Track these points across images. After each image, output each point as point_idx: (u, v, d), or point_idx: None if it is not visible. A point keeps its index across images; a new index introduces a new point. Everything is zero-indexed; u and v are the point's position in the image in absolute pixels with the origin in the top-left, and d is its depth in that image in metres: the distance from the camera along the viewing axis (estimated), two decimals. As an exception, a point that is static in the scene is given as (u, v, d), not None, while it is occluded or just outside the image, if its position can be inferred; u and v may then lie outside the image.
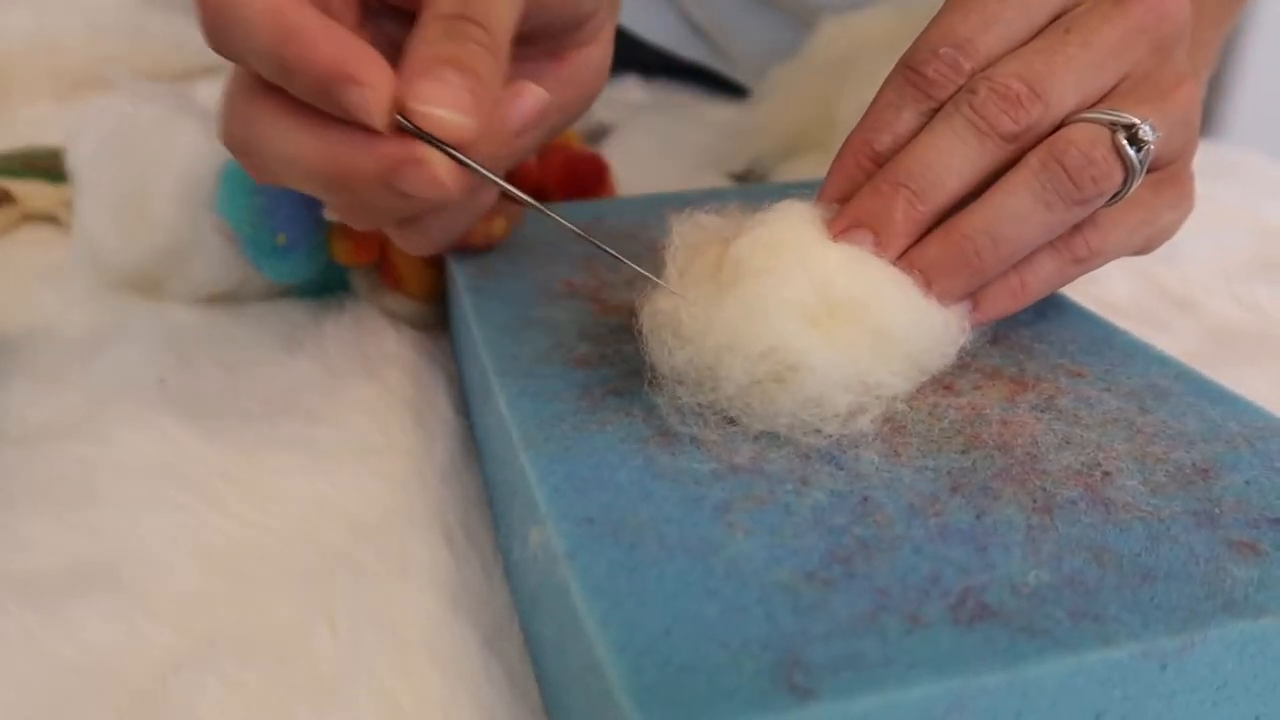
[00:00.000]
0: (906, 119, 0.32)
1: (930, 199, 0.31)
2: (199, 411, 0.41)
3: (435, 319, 0.47)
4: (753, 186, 0.56)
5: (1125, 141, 0.31)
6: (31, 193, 0.57)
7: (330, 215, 0.37)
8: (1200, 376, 0.33)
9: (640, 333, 0.30)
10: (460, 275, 0.40)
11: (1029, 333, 0.35)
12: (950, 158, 0.31)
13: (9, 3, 0.76)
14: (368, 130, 0.27)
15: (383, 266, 0.46)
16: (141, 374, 0.43)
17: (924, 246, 0.31)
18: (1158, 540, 0.25)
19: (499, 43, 0.29)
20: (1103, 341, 0.35)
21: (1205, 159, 0.70)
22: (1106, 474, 0.27)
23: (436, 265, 0.46)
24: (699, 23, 0.77)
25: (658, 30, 0.76)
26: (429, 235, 0.33)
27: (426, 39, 0.28)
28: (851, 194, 0.31)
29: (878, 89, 0.33)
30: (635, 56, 0.77)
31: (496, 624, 0.31)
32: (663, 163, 0.62)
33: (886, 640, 0.21)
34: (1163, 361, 0.34)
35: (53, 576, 0.32)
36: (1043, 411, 0.30)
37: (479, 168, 0.28)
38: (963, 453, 0.28)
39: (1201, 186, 0.37)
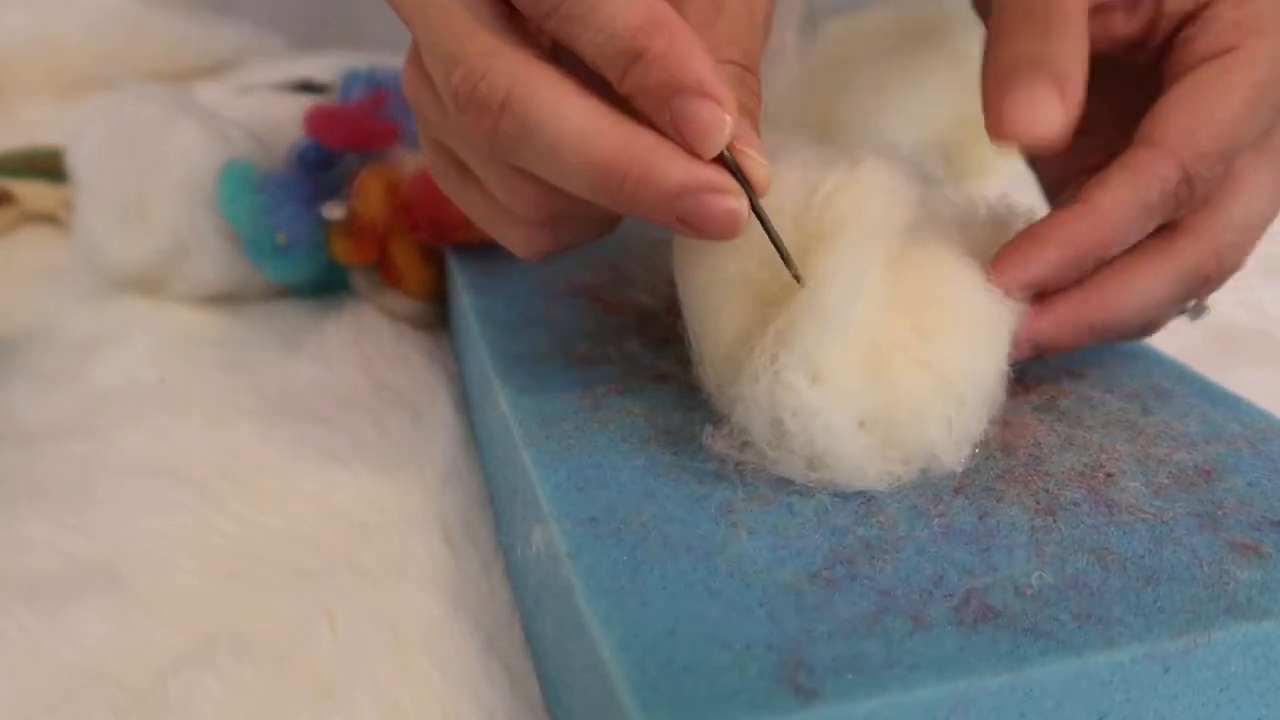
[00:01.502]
0: (1146, 230, 0.29)
1: (1101, 340, 0.30)
2: (199, 411, 0.41)
3: (435, 318, 0.47)
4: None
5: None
6: (31, 193, 0.57)
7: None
8: (1202, 378, 0.33)
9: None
10: (461, 274, 0.40)
11: (1031, 334, 0.35)
12: (1154, 310, 0.30)
13: (9, 3, 0.76)
14: (682, 145, 0.25)
15: (383, 266, 0.46)
16: (141, 374, 0.43)
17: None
18: (1161, 542, 0.25)
19: None
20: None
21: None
22: (1109, 475, 0.27)
23: (436, 264, 0.46)
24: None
25: None
26: (563, 238, 0.30)
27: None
28: (1051, 284, 0.29)
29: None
30: None
31: (497, 624, 0.31)
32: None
33: (890, 641, 0.21)
34: (1164, 363, 0.33)
35: (52, 576, 0.32)
36: (1045, 413, 0.30)
37: (768, 220, 0.26)
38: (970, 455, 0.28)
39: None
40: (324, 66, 0.68)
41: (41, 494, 0.36)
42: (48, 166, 0.57)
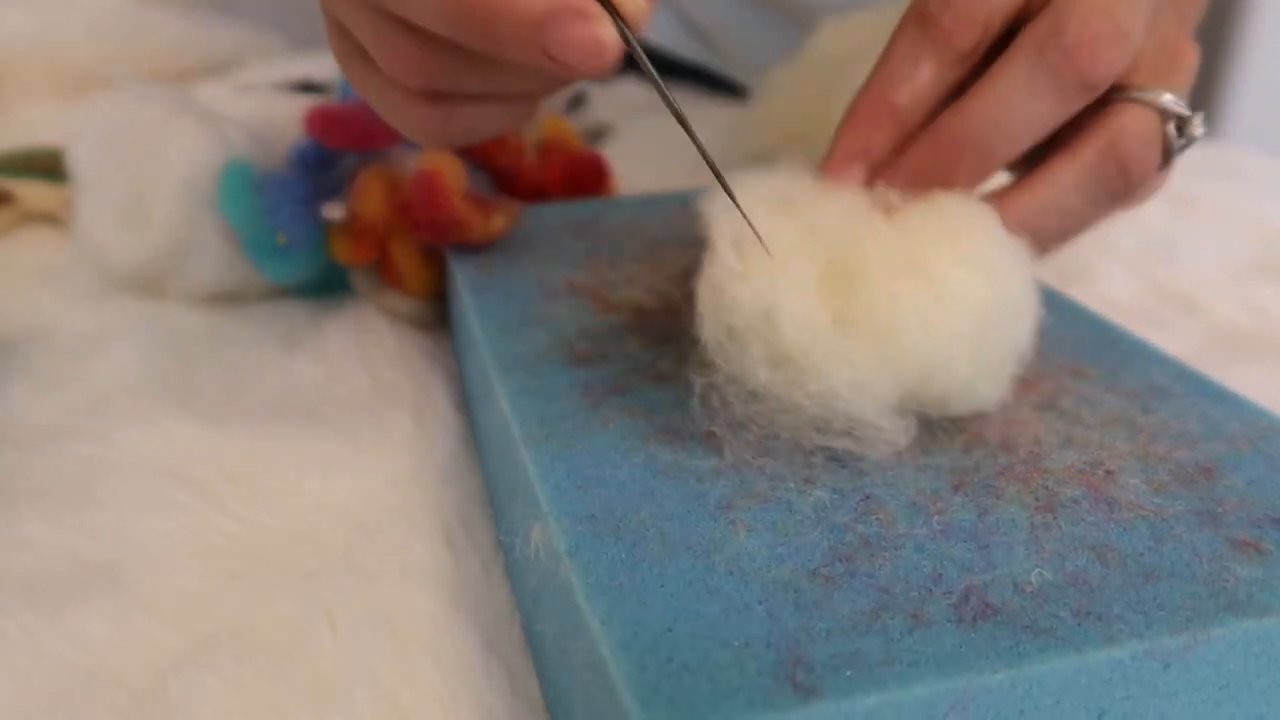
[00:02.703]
0: (926, 72, 0.29)
1: (996, 163, 0.28)
2: (199, 411, 0.41)
3: (435, 317, 0.47)
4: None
5: (1175, 133, 0.29)
6: (31, 193, 0.57)
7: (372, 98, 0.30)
8: (1202, 377, 0.33)
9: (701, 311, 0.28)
10: (460, 273, 0.40)
11: (1031, 332, 0.35)
12: (1023, 117, 0.28)
13: (9, 3, 0.76)
14: None
15: (383, 265, 0.46)
16: (141, 374, 0.43)
17: None
18: (1161, 539, 0.25)
19: None
20: (1105, 341, 0.35)
21: (1207, 159, 0.70)
22: (1109, 473, 0.27)
23: (436, 264, 0.46)
24: (699, 23, 0.77)
25: (657, 30, 0.76)
26: (462, 122, 0.29)
27: None
28: (868, 153, 0.29)
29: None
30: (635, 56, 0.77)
31: (497, 623, 0.31)
32: (663, 163, 0.62)
33: (889, 639, 0.21)
34: (1164, 362, 0.33)
35: (53, 576, 0.32)
36: (1045, 411, 0.30)
37: (640, 52, 0.25)
38: (965, 451, 0.28)
39: (1203, 187, 0.37)
40: (324, 66, 0.69)
41: (42, 494, 0.36)
42: (48, 166, 0.57)
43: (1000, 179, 0.32)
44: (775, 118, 0.62)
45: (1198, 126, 0.29)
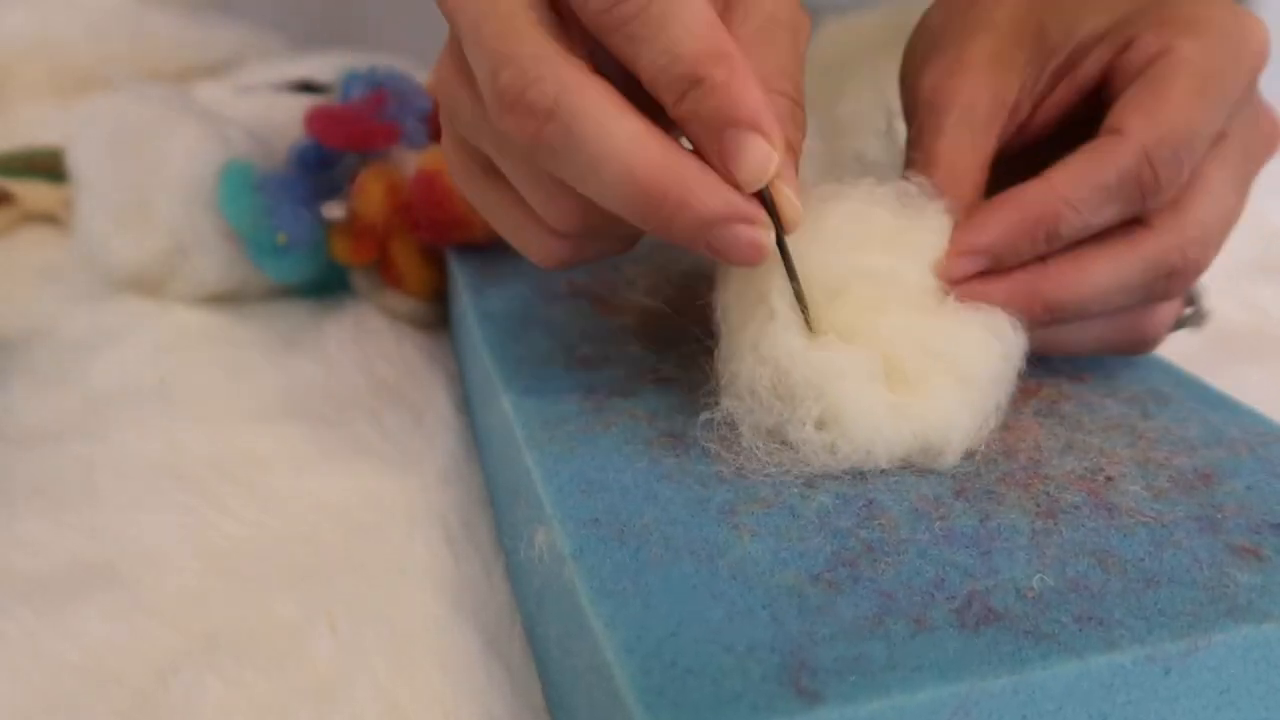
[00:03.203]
0: (1108, 216, 0.29)
1: (1057, 318, 0.30)
2: (199, 411, 0.41)
3: (435, 318, 0.47)
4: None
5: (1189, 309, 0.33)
6: (31, 193, 0.57)
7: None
8: (1201, 383, 0.33)
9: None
10: (461, 274, 0.40)
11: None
12: (1114, 297, 0.30)
13: (9, 3, 0.76)
14: (721, 173, 0.25)
15: (383, 265, 0.46)
16: (141, 374, 0.43)
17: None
18: (1161, 545, 0.25)
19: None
20: (1104, 346, 0.35)
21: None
22: (1109, 479, 0.27)
23: (436, 264, 0.46)
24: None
25: None
26: (585, 252, 0.30)
27: (777, 114, 0.26)
28: (1005, 256, 0.29)
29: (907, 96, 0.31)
30: None
31: (497, 624, 0.31)
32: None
33: (892, 644, 0.21)
34: (1164, 368, 0.34)
35: (53, 576, 0.32)
36: (1045, 417, 0.30)
37: (789, 254, 0.27)
38: (966, 457, 0.28)
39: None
40: (324, 66, 0.68)
41: (41, 494, 0.36)
42: (48, 166, 0.57)
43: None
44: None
45: (1206, 306, 0.33)
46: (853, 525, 0.25)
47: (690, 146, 0.26)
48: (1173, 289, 0.31)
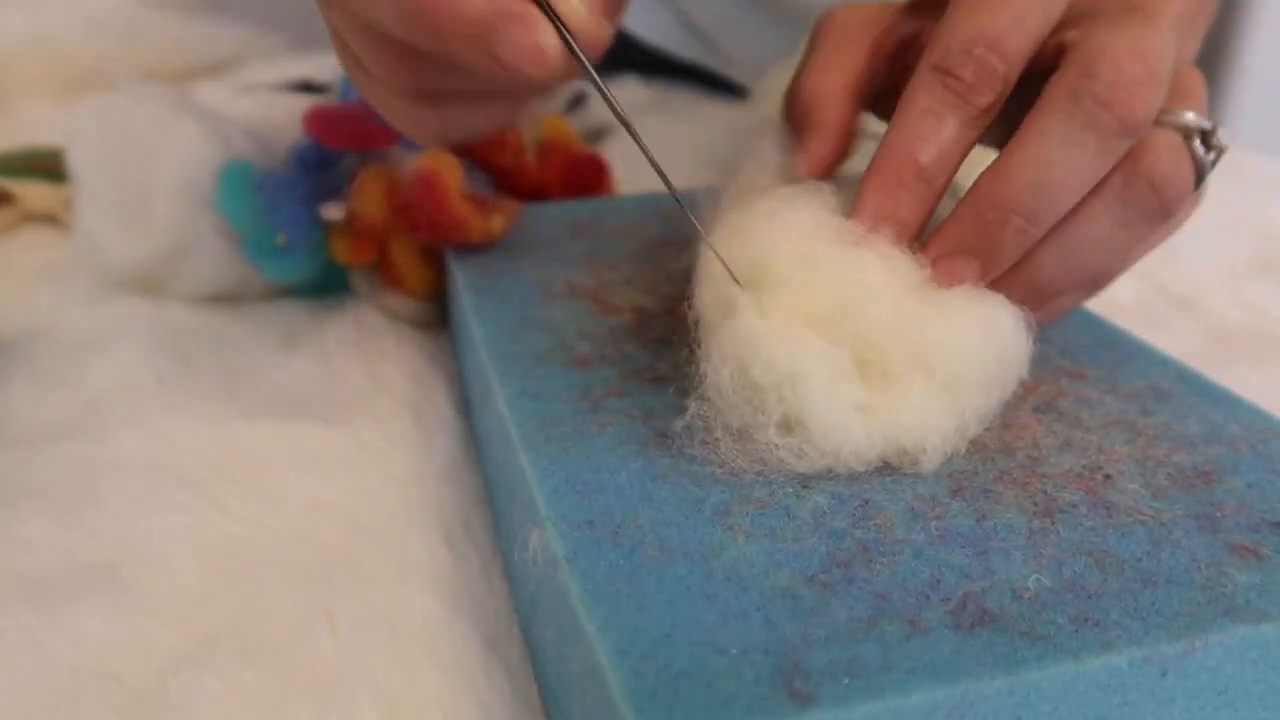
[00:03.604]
0: (950, 128, 0.29)
1: (1043, 223, 0.28)
2: (199, 411, 0.41)
3: (435, 318, 0.47)
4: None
5: (1202, 149, 0.29)
6: (31, 193, 0.57)
7: (364, 91, 0.31)
8: (1202, 378, 0.33)
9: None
10: (460, 274, 0.40)
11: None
12: (1065, 171, 0.27)
13: (9, 3, 0.76)
14: None
15: (382, 266, 0.46)
16: (141, 374, 0.43)
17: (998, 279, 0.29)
18: (1159, 544, 0.25)
19: None
20: (1104, 342, 0.35)
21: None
22: (1108, 477, 0.27)
23: (436, 264, 0.46)
24: (698, 23, 0.77)
25: (656, 30, 0.76)
26: (454, 120, 0.30)
27: None
28: (897, 213, 0.29)
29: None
30: (634, 57, 0.77)
31: (496, 624, 0.31)
32: (663, 163, 0.62)
33: (886, 645, 0.21)
34: (1164, 363, 0.33)
35: (53, 576, 0.32)
36: (1044, 414, 0.30)
37: (586, 61, 0.26)
38: (964, 455, 0.28)
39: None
40: (324, 66, 0.68)
41: (41, 494, 0.36)
42: (48, 166, 0.57)
43: None
44: (775, 118, 0.62)
45: (1223, 138, 0.29)
46: (848, 525, 0.25)
47: None
48: (1112, 139, 0.27)
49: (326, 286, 0.49)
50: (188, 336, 0.46)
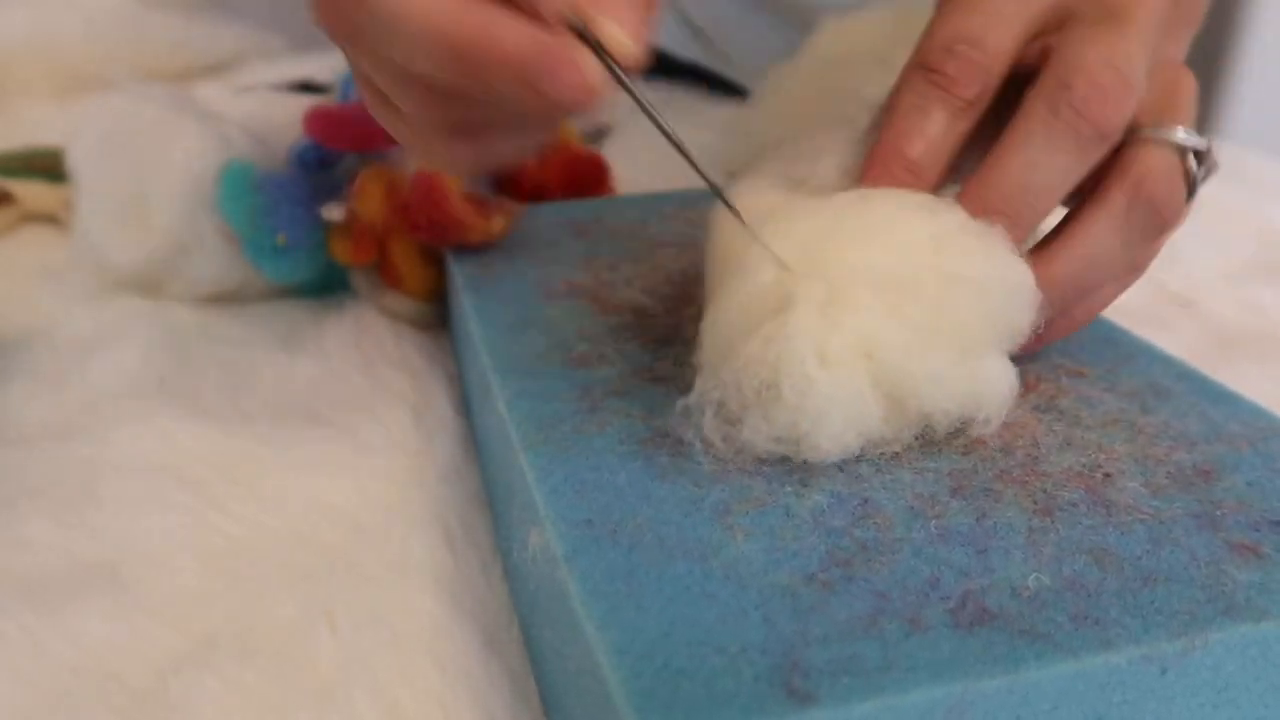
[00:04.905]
0: (937, 121, 0.30)
1: (1027, 224, 0.29)
2: (199, 411, 0.41)
3: (435, 318, 0.47)
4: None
5: (1195, 165, 0.30)
6: (31, 193, 0.57)
7: (382, 119, 0.31)
8: (1202, 377, 0.32)
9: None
10: (460, 274, 0.40)
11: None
12: (1048, 174, 0.28)
13: (9, 2, 0.76)
14: (526, 14, 0.25)
15: (383, 266, 0.46)
16: (141, 374, 0.43)
17: None
18: (1159, 543, 0.25)
19: None
20: (1104, 341, 0.35)
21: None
22: (1107, 475, 0.27)
23: (436, 264, 0.46)
24: (698, 23, 0.77)
25: (656, 30, 0.76)
26: (488, 151, 0.30)
27: None
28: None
29: (886, 93, 0.31)
30: None
31: (496, 624, 0.31)
32: (663, 163, 0.62)
33: (886, 644, 0.21)
34: (1164, 361, 0.33)
35: (53, 576, 0.32)
36: (1044, 412, 0.30)
37: (634, 90, 0.26)
38: (963, 454, 0.28)
39: (1203, 187, 0.37)
40: (324, 66, 0.69)
41: (41, 494, 0.36)
42: (48, 166, 0.57)
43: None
44: (775, 118, 0.62)
45: (1216, 154, 0.30)
46: (847, 524, 0.25)
47: None
48: (1090, 145, 0.29)
49: (326, 286, 0.49)
50: (188, 336, 0.46)
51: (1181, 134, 0.30)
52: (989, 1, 0.30)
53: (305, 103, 0.49)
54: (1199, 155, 0.30)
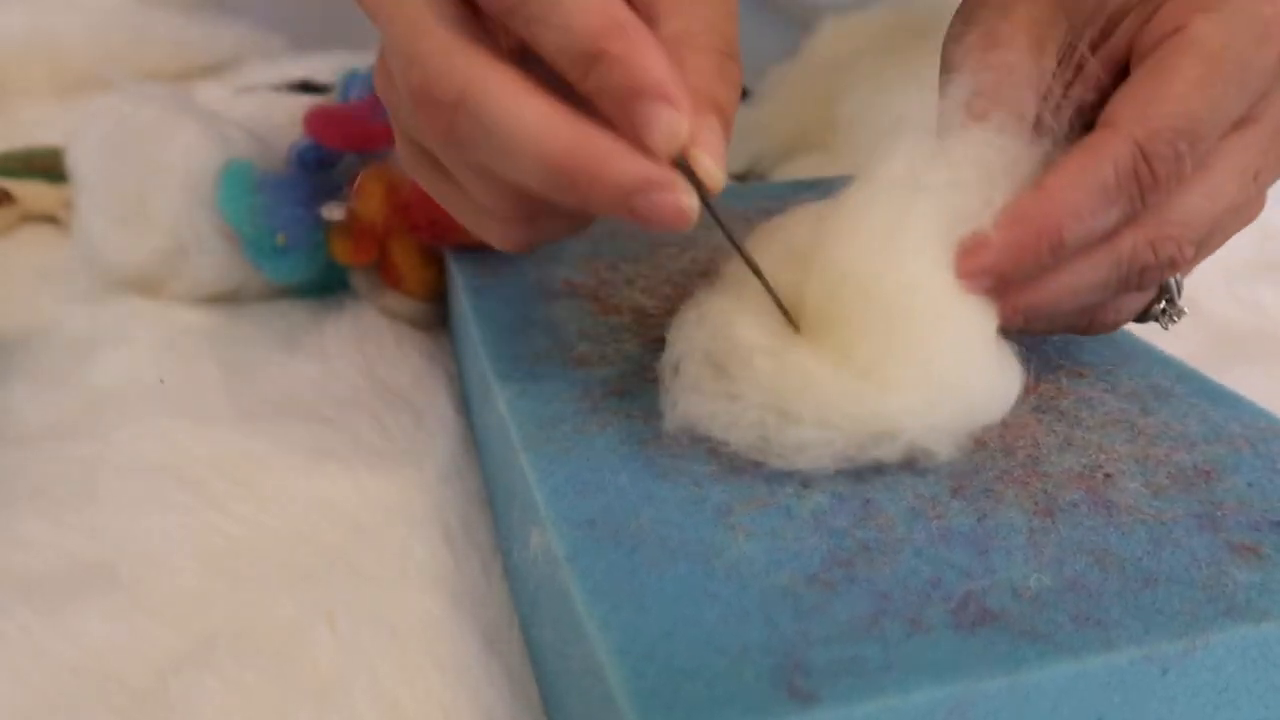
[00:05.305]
0: (1112, 216, 0.28)
1: (1030, 322, 0.29)
2: (199, 411, 0.41)
3: (435, 318, 0.47)
4: (753, 186, 0.56)
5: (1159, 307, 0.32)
6: (31, 193, 0.57)
7: (419, 179, 0.32)
8: (1202, 377, 0.33)
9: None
10: (460, 275, 0.40)
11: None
12: (1086, 296, 0.29)
13: (9, 3, 0.76)
14: (633, 142, 0.25)
15: (382, 266, 0.46)
16: (141, 374, 0.43)
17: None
18: (1159, 543, 0.25)
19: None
20: (1104, 341, 0.35)
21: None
22: (1108, 476, 0.27)
23: (436, 264, 0.46)
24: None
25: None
26: (543, 232, 0.30)
27: (701, 72, 0.27)
28: (1011, 274, 0.27)
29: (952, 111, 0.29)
30: None
31: (496, 624, 0.31)
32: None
33: (887, 645, 0.21)
34: (1164, 362, 0.33)
35: (53, 576, 0.32)
36: (1044, 413, 0.30)
37: (720, 219, 0.27)
38: (964, 454, 0.28)
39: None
40: (324, 66, 0.68)
41: (41, 494, 0.36)
42: (48, 166, 0.57)
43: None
44: (775, 118, 0.62)
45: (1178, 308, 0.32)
46: (849, 525, 0.25)
47: None
48: (1145, 282, 0.30)
49: (326, 286, 0.49)
50: (188, 336, 0.46)
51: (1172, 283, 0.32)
52: (1218, 81, 0.27)
53: (305, 103, 0.50)
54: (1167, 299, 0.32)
